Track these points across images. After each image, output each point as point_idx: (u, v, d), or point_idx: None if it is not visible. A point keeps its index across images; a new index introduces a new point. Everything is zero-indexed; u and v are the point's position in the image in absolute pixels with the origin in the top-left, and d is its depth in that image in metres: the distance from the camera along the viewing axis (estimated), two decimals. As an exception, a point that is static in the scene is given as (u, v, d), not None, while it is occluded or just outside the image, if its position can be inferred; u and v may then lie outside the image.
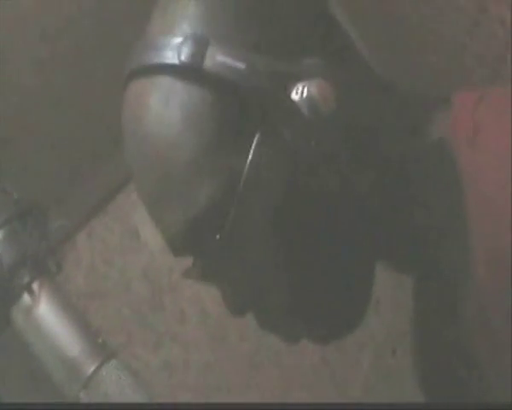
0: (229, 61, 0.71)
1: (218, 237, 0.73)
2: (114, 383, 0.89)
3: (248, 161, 0.72)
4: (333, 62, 0.75)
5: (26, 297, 0.90)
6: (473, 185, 0.73)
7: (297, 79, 0.72)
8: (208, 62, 0.71)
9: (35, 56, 1.43)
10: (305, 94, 0.71)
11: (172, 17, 0.74)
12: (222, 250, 0.75)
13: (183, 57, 0.72)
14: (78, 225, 1.66)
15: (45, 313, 0.90)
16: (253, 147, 0.72)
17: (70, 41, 1.45)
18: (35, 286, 0.90)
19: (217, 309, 1.65)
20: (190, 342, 1.68)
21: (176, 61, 0.72)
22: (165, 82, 0.73)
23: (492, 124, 0.75)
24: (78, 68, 1.47)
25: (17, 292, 0.90)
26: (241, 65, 0.71)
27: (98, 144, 1.55)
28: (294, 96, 0.71)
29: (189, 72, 0.72)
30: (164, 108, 0.73)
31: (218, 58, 0.71)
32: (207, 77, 0.72)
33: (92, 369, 0.88)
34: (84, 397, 0.88)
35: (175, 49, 0.72)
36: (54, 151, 1.51)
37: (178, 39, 0.72)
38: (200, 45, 0.71)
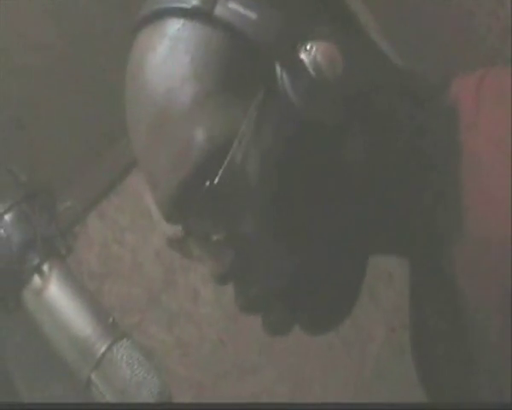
0: (241, 9, 0.70)
1: (206, 191, 0.71)
2: (126, 363, 0.88)
3: (249, 115, 0.71)
4: (341, 31, 0.74)
5: (36, 279, 0.90)
6: (471, 169, 0.72)
7: (307, 39, 0.71)
8: (219, 8, 0.70)
9: (42, 39, 1.42)
10: (312, 54, 0.70)
11: None
12: (209, 211, 0.73)
13: (194, 1, 0.71)
14: (90, 206, 1.66)
15: (56, 294, 0.90)
16: (255, 102, 0.71)
17: (77, 22, 1.45)
18: (45, 268, 0.90)
19: (230, 287, 1.65)
20: (203, 321, 1.68)
21: (187, 5, 0.71)
22: (174, 26, 0.72)
23: (493, 108, 0.73)
24: (87, 49, 1.47)
25: (27, 274, 0.89)
26: (252, 15, 0.70)
27: (108, 125, 1.55)
28: (302, 55, 0.70)
29: (199, 16, 0.71)
30: (170, 51, 0.72)
31: (230, 5, 0.70)
32: (217, 23, 0.71)
33: (103, 349, 0.88)
34: (95, 378, 0.87)
35: None
36: (64, 133, 1.51)
37: None
38: None
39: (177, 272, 1.69)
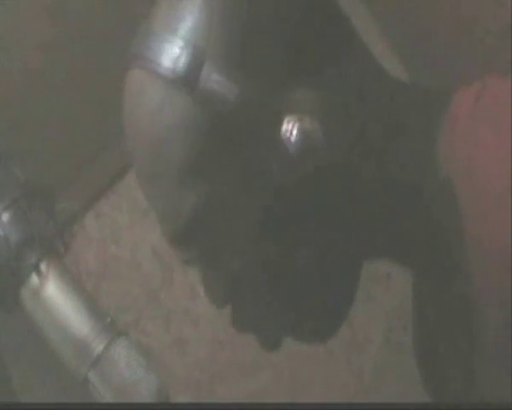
0: (223, 81, 0.70)
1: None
2: (123, 362, 0.88)
3: (225, 188, 0.72)
4: (327, 96, 0.73)
5: (34, 278, 0.90)
6: (469, 183, 0.71)
7: (287, 112, 0.71)
8: (203, 78, 0.71)
9: (41, 39, 1.42)
10: (294, 131, 0.70)
11: (177, 13, 0.73)
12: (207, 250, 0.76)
13: (180, 67, 0.71)
14: (88, 206, 1.66)
15: (53, 293, 0.90)
16: (232, 172, 0.72)
17: (76, 22, 1.45)
18: (43, 266, 0.90)
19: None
20: (201, 318, 1.68)
21: (171, 73, 0.71)
22: (161, 87, 0.72)
23: (491, 123, 0.72)
24: (85, 50, 1.46)
25: (25, 273, 0.90)
26: (234, 89, 0.70)
27: (106, 125, 1.55)
28: (284, 129, 0.71)
29: (183, 84, 0.71)
30: (157, 111, 0.73)
31: (212, 76, 0.70)
32: (200, 93, 0.71)
33: (101, 348, 0.88)
34: (92, 377, 0.87)
35: (173, 57, 0.71)
36: (62, 133, 1.51)
37: (179, 44, 0.71)
38: (197, 58, 0.71)
39: (175, 270, 1.69)
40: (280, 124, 0.71)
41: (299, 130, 0.70)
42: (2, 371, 0.94)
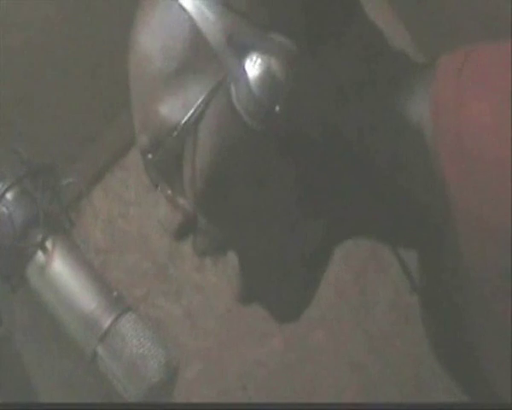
0: (204, 5, 0.71)
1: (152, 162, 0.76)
2: (131, 336, 0.88)
3: (196, 102, 0.71)
4: (308, 50, 0.71)
5: (39, 255, 0.89)
6: (454, 157, 0.70)
7: (254, 49, 0.70)
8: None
9: (42, 15, 1.41)
10: (255, 69, 0.69)
11: None
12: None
13: None
14: (94, 181, 1.66)
15: (59, 269, 0.90)
16: (204, 93, 0.71)
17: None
18: (48, 244, 0.90)
19: (235, 256, 1.65)
20: (210, 290, 1.69)
21: None
22: (160, 2, 0.74)
23: (477, 91, 0.70)
24: (87, 27, 1.46)
25: (31, 251, 0.89)
26: (210, 15, 0.70)
27: (111, 101, 1.55)
28: (247, 65, 0.69)
29: (174, 2, 0.72)
30: (156, 28, 0.74)
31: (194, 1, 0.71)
32: (184, 11, 0.72)
33: (108, 323, 0.88)
34: (101, 351, 0.87)
35: None
36: (66, 109, 1.51)
37: None
38: None
39: (183, 244, 1.68)
40: (245, 59, 0.70)
41: (261, 67, 0.69)
42: (13, 351, 0.94)
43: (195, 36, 0.71)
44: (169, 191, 0.77)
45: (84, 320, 0.88)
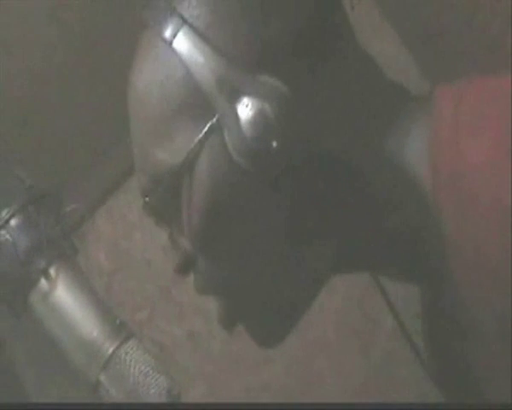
0: (194, 48, 0.71)
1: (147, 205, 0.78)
2: (134, 363, 0.88)
3: (191, 145, 0.72)
4: (295, 87, 0.71)
5: (43, 282, 0.89)
6: (450, 197, 0.69)
7: (245, 93, 0.70)
8: (179, 41, 0.72)
9: (45, 40, 1.42)
10: (247, 113, 0.70)
11: None
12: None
13: (165, 33, 0.73)
14: (98, 204, 1.66)
15: (63, 296, 0.90)
16: (198, 136, 0.72)
17: (79, 24, 1.44)
18: (52, 270, 0.90)
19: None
20: (213, 314, 1.68)
21: (158, 35, 0.73)
22: (160, 44, 0.74)
23: (474, 125, 0.69)
24: (89, 51, 1.46)
25: (34, 277, 0.89)
26: (200, 58, 0.71)
27: (114, 125, 1.55)
28: (239, 109, 0.70)
29: (164, 43, 0.73)
30: (151, 73, 0.75)
31: (187, 42, 0.71)
32: (176, 56, 0.72)
33: (111, 350, 0.88)
34: (104, 379, 0.87)
35: (161, 22, 0.73)
36: (70, 134, 1.52)
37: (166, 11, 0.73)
38: (177, 24, 0.72)
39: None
40: (237, 103, 0.70)
41: (253, 111, 0.70)
42: (14, 377, 0.94)
43: (189, 81, 0.72)
44: (169, 230, 0.77)
45: (86, 348, 0.88)
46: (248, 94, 0.70)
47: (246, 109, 0.70)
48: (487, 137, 0.68)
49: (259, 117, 0.69)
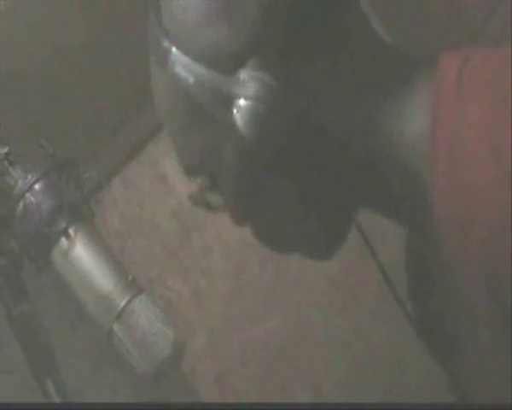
0: (184, 70, 0.70)
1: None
2: (144, 315, 0.88)
3: (212, 145, 0.73)
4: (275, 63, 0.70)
5: (63, 241, 0.89)
6: (450, 153, 0.66)
7: (235, 95, 0.69)
8: (172, 62, 0.71)
9: (69, 20, 1.41)
10: (241, 113, 0.69)
11: None
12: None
13: (158, 51, 0.72)
14: (114, 173, 1.67)
15: (81, 254, 0.90)
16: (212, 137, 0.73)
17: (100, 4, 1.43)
18: (71, 231, 0.90)
19: (239, 243, 1.66)
20: (216, 274, 1.69)
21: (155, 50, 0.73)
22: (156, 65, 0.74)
23: (476, 94, 0.66)
24: (109, 30, 1.45)
25: (55, 237, 0.89)
26: (191, 79, 0.70)
27: (129, 101, 1.55)
28: (235, 110, 0.69)
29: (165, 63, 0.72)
30: (160, 92, 0.75)
31: (178, 63, 0.71)
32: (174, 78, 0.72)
33: (124, 303, 0.88)
34: (116, 328, 0.88)
35: (155, 40, 0.72)
36: (89, 109, 1.51)
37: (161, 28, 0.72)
38: (166, 49, 0.71)
39: (192, 230, 1.70)
40: (232, 105, 0.70)
41: (246, 111, 0.69)
42: (39, 325, 0.94)
43: (188, 98, 0.71)
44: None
45: (102, 300, 0.88)
46: (241, 96, 0.69)
47: (240, 112, 0.69)
48: (489, 100, 0.65)
49: (253, 116, 0.69)
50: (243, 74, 0.69)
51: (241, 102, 0.69)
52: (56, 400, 0.91)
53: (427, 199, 0.69)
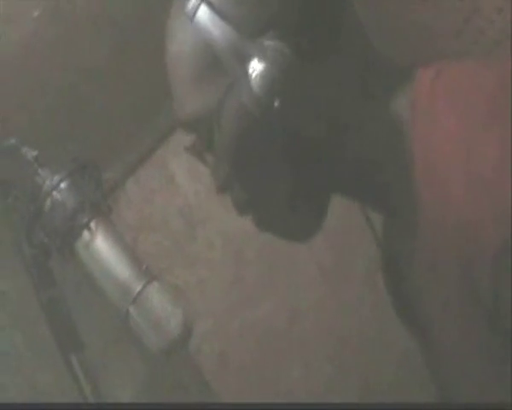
0: (210, 23, 0.71)
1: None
2: (157, 299, 0.89)
3: (215, 100, 0.72)
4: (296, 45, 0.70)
5: (85, 234, 0.90)
6: (426, 161, 0.66)
7: (253, 57, 0.69)
8: (198, 17, 0.71)
9: (91, 38, 1.39)
10: (254, 75, 0.69)
11: None
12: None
13: (187, 9, 0.72)
14: (128, 174, 1.67)
15: (101, 245, 0.90)
16: (220, 92, 0.72)
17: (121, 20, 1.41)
18: (92, 225, 0.90)
19: (238, 238, 1.66)
20: (218, 264, 1.69)
21: (183, 8, 0.72)
22: (181, 19, 0.74)
23: (448, 104, 0.67)
24: (129, 45, 1.43)
25: (78, 230, 0.90)
26: (215, 30, 0.70)
27: (141, 112, 1.55)
28: (250, 69, 0.69)
29: (190, 21, 0.72)
30: (179, 42, 0.74)
31: (206, 16, 0.71)
32: (198, 30, 0.72)
33: (139, 288, 0.89)
34: (132, 311, 0.88)
35: None
36: (108, 118, 1.51)
37: None
38: (197, 2, 0.71)
39: (197, 226, 1.70)
40: (247, 65, 0.70)
41: (258, 73, 0.69)
42: (66, 307, 0.95)
43: (208, 50, 0.71)
44: (210, 164, 0.77)
45: (119, 286, 0.89)
46: (256, 57, 0.69)
47: (254, 70, 0.69)
48: (459, 108, 0.66)
49: (265, 76, 0.69)
50: (263, 40, 0.69)
51: (258, 63, 0.69)
52: (80, 374, 0.92)
53: (408, 192, 0.69)
